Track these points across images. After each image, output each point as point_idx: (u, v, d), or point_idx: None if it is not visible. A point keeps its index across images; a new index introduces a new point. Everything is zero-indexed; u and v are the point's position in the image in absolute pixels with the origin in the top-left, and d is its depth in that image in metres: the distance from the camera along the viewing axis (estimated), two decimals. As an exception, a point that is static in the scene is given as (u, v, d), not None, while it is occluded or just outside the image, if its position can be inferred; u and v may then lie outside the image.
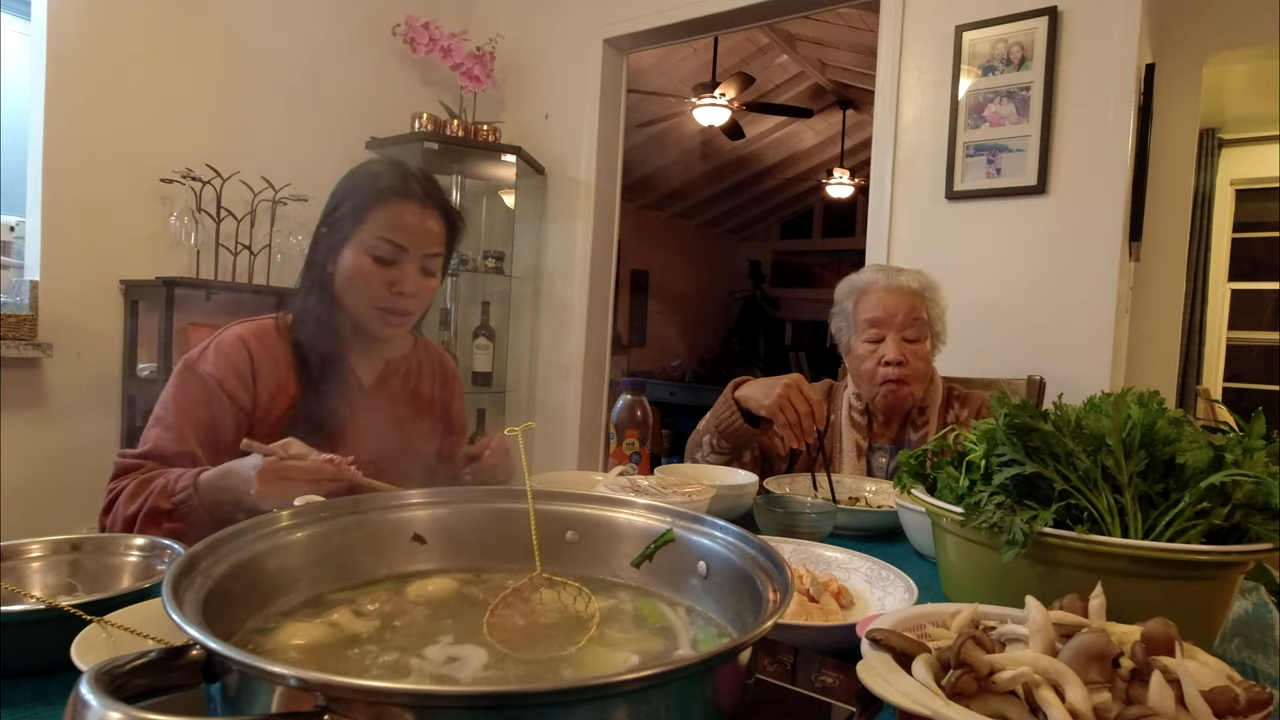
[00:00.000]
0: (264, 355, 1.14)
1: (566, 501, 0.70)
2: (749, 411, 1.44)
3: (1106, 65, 2.21)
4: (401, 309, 1.17)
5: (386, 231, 1.14)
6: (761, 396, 1.39)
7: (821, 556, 0.92)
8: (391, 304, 1.16)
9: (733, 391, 1.48)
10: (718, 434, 1.49)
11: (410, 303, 1.18)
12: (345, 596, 0.60)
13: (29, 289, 2.25)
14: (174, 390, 1.10)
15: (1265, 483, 0.66)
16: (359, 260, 1.14)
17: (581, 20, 3.25)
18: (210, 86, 2.63)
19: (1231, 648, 0.77)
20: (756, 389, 1.42)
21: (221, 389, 1.10)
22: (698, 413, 1.60)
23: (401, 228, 1.15)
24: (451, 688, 0.46)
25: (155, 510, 0.97)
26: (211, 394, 1.10)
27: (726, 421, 1.47)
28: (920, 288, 1.58)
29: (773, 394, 1.36)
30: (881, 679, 0.45)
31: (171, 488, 0.97)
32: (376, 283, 1.14)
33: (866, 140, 5.46)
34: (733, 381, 1.51)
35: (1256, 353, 4.94)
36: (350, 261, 1.15)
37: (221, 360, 1.11)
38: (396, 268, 1.15)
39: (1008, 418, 0.75)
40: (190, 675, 0.39)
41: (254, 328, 1.17)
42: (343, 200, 1.17)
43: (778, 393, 1.36)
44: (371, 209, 1.14)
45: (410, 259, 1.16)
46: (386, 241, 1.14)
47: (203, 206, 2.55)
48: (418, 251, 1.16)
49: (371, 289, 1.15)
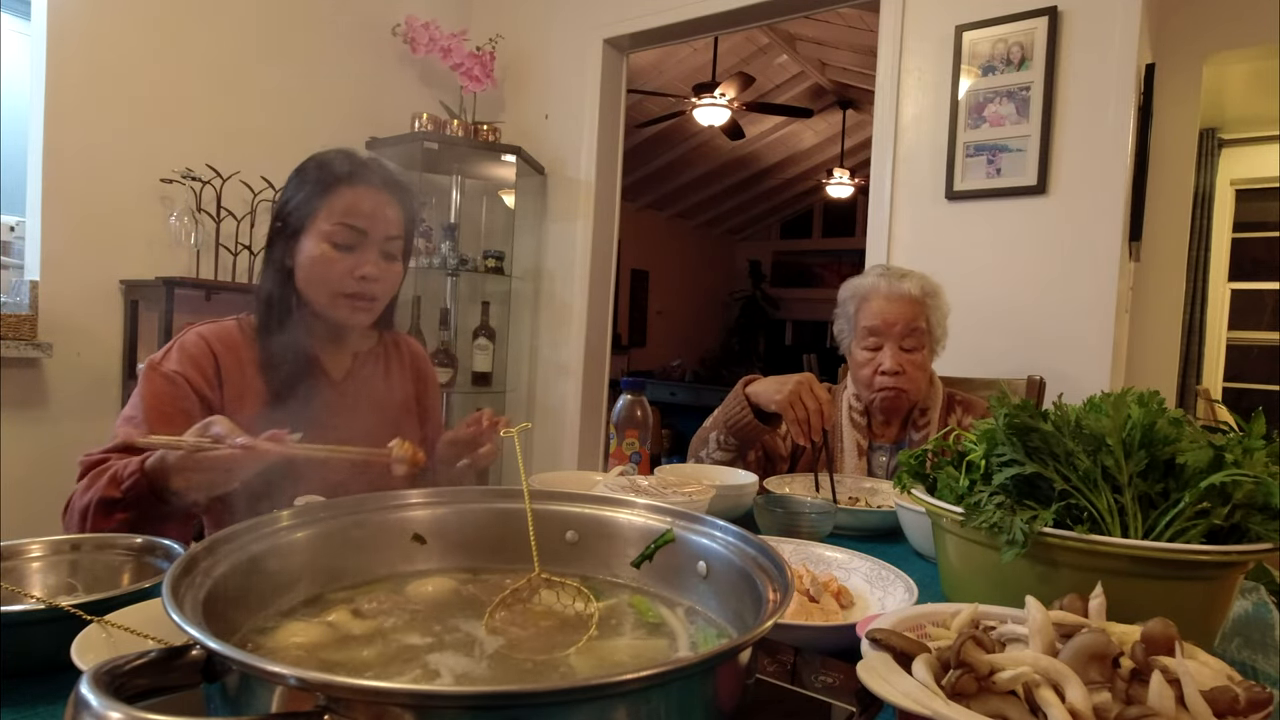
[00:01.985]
0: (228, 356, 1.13)
1: (566, 501, 0.70)
2: (758, 409, 1.46)
3: (1106, 65, 2.21)
4: (366, 294, 1.16)
5: (344, 216, 1.13)
6: (773, 392, 1.40)
7: (821, 556, 0.92)
8: (356, 289, 1.15)
9: (744, 387, 1.49)
10: (726, 429, 1.50)
11: (374, 287, 1.16)
12: (345, 596, 0.60)
13: (29, 289, 2.25)
14: (142, 389, 1.08)
15: (1265, 483, 0.66)
16: (318, 248, 1.13)
17: (581, 20, 3.25)
18: (210, 86, 2.63)
19: (1231, 648, 0.77)
20: (768, 385, 1.43)
21: (189, 385, 1.09)
22: (698, 413, 1.61)
23: (358, 212, 1.14)
24: (451, 688, 0.46)
25: (105, 500, 0.94)
26: (179, 391, 1.08)
27: (736, 417, 1.48)
28: (922, 294, 1.58)
29: (784, 390, 1.38)
30: (881, 679, 0.45)
31: (120, 475, 0.94)
32: (338, 270, 1.13)
33: (866, 140, 5.47)
34: (744, 378, 1.52)
35: (1256, 353, 4.94)
36: (309, 251, 1.13)
37: (185, 359, 1.10)
38: (357, 253, 1.14)
39: (1008, 418, 0.75)
40: (190, 675, 0.39)
41: (216, 329, 1.16)
42: (295, 193, 1.16)
43: (789, 389, 1.37)
44: (326, 196, 1.13)
45: (370, 243, 1.15)
46: (345, 226, 1.13)
47: (203, 206, 2.55)
48: (377, 235, 1.15)
49: (333, 276, 1.14)
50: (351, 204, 1.14)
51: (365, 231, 1.14)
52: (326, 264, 1.13)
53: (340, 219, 1.13)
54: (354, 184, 1.14)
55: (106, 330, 2.43)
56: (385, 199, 1.16)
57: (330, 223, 1.13)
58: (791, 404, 1.36)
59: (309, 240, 1.14)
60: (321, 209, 1.13)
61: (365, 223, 1.14)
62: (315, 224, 1.13)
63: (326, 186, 1.14)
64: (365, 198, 1.14)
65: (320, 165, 1.16)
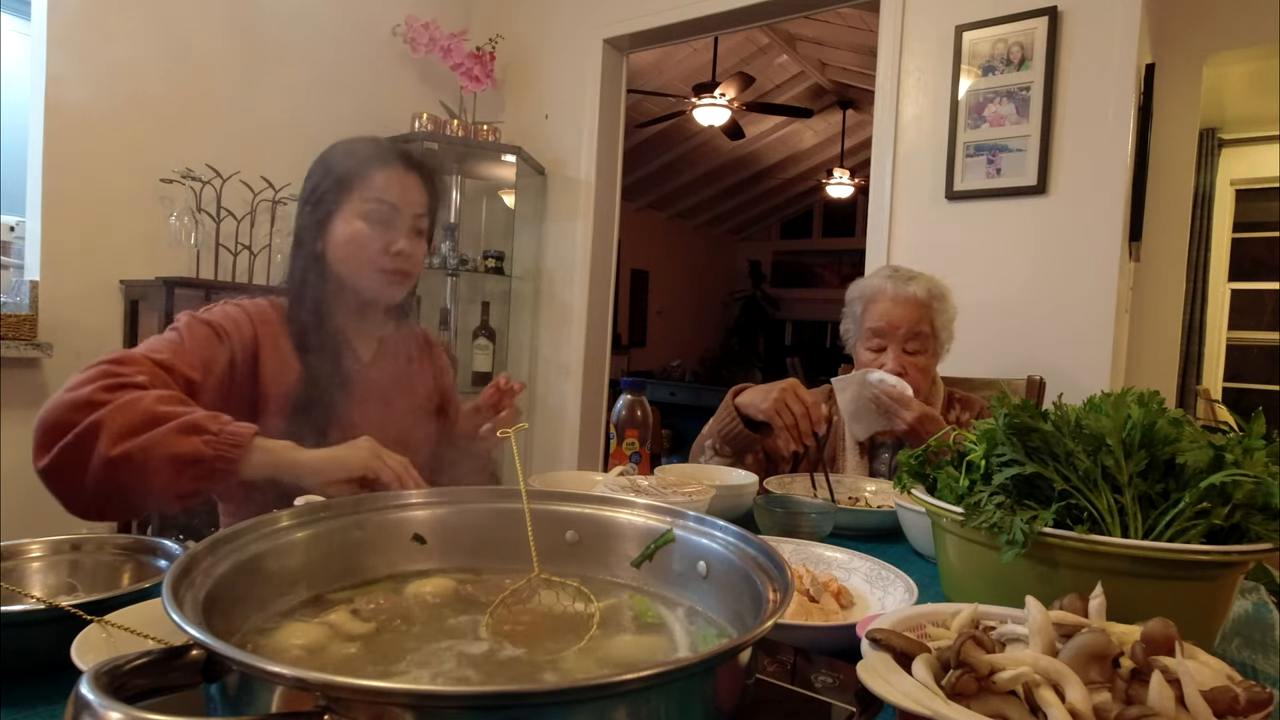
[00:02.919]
0: (265, 330, 1.13)
1: (566, 501, 0.70)
2: (749, 417, 1.47)
3: (1106, 65, 2.21)
4: (401, 269, 1.18)
5: (378, 194, 1.15)
6: (759, 401, 1.42)
7: (821, 556, 0.92)
8: (391, 264, 1.17)
9: (733, 398, 1.51)
10: (720, 439, 1.52)
11: (408, 263, 1.18)
12: (345, 596, 0.60)
13: (29, 289, 2.25)
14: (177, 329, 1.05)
15: (1265, 483, 0.66)
16: (352, 226, 1.15)
17: (581, 20, 3.25)
18: (210, 86, 2.62)
19: (1231, 648, 0.77)
20: (755, 395, 1.45)
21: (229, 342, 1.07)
22: (698, 413, 1.61)
23: (390, 190, 1.16)
24: (451, 688, 0.46)
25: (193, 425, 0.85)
26: (218, 341, 1.06)
27: (728, 427, 1.50)
28: (929, 297, 1.58)
29: (769, 398, 1.39)
30: (881, 679, 0.45)
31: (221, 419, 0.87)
32: (375, 246, 1.15)
33: (866, 140, 5.46)
34: (733, 389, 1.53)
35: (1256, 353, 4.94)
36: (343, 231, 1.15)
37: (228, 320, 1.10)
38: (391, 229, 1.16)
39: (1008, 418, 0.75)
40: (190, 675, 0.39)
41: (252, 303, 1.16)
42: (324, 176, 1.18)
43: (774, 397, 1.39)
44: (357, 177, 1.16)
45: (402, 220, 1.17)
46: (380, 202, 1.15)
47: (203, 206, 2.55)
48: (408, 212, 1.18)
49: (369, 252, 1.15)
50: (384, 183, 1.16)
51: (398, 208, 1.16)
52: (362, 241, 1.15)
53: (375, 196, 1.15)
54: (384, 165, 1.17)
55: (106, 330, 2.42)
56: (412, 179, 1.19)
57: (365, 201, 1.15)
58: (778, 411, 1.38)
59: (342, 221, 1.16)
60: (355, 189, 1.16)
61: (397, 199, 1.16)
62: (349, 204, 1.16)
63: (357, 168, 1.16)
64: (395, 177, 1.17)
65: (349, 150, 1.18)
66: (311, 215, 1.18)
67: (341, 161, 1.18)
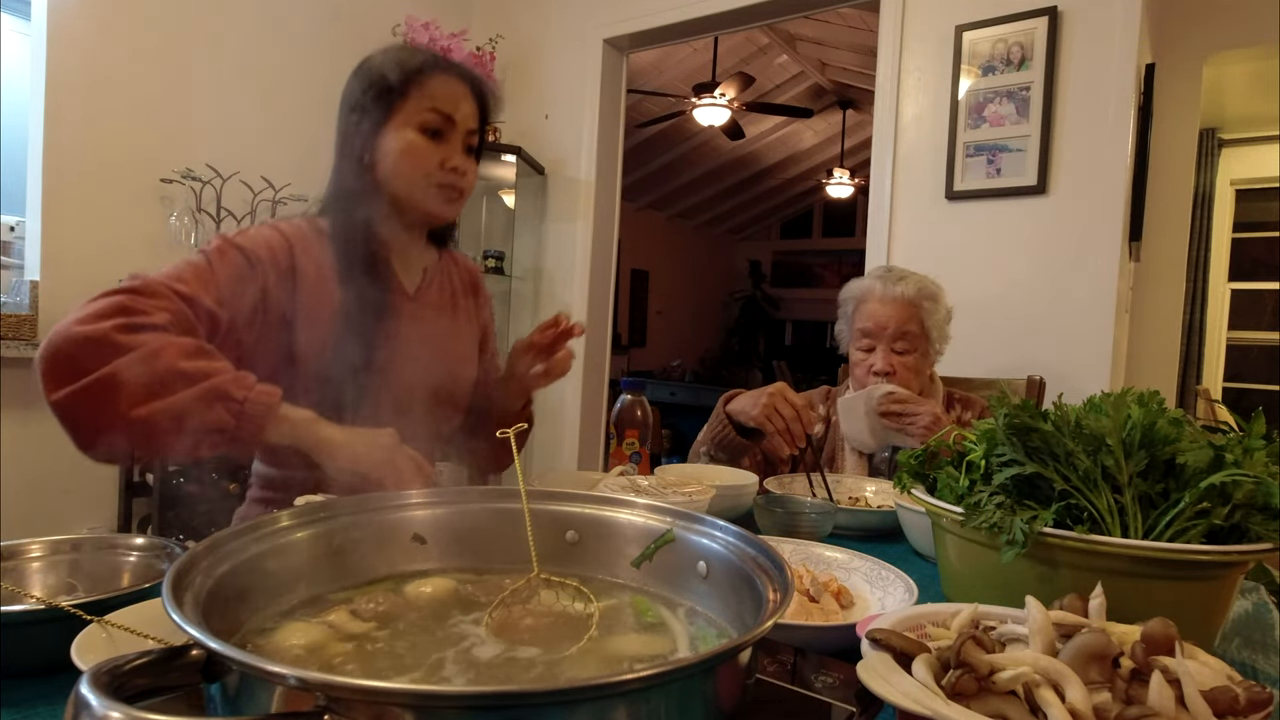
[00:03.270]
0: (304, 256, 1.04)
1: (566, 501, 0.70)
2: (741, 424, 1.47)
3: (1106, 65, 2.21)
4: (456, 185, 1.10)
5: (434, 102, 1.07)
6: (749, 408, 1.42)
7: (821, 556, 0.92)
8: (447, 180, 1.09)
9: (723, 406, 1.51)
10: (714, 446, 1.52)
11: (463, 180, 1.11)
12: (345, 596, 0.60)
13: (29, 289, 2.25)
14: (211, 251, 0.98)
15: (1265, 483, 0.66)
16: (406, 137, 1.07)
17: (581, 20, 3.25)
18: (210, 86, 2.63)
19: (1231, 648, 0.77)
20: (744, 401, 1.45)
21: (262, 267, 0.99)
22: (698, 412, 1.62)
23: (447, 98, 1.08)
24: (451, 688, 0.46)
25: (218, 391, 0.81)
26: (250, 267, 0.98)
27: (720, 434, 1.50)
28: (918, 296, 1.58)
29: (759, 404, 1.39)
30: (881, 679, 0.45)
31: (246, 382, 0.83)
32: (431, 159, 1.07)
33: (866, 140, 5.47)
34: (724, 395, 1.54)
35: (1256, 353, 4.94)
36: (395, 142, 1.07)
37: (261, 243, 1.01)
38: (447, 143, 1.09)
39: (1008, 418, 0.75)
40: (190, 675, 0.39)
41: (288, 224, 1.07)
42: (373, 82, 1.08)
43: (763, 402, 1.39)
44: (412, 82, 1.06)
45: (457, 134, 1.09)
46: (436, 112, 1.07)
47: (203, 206, 2.55)
48: (462, 126, 1.10)
49: (425, 165, 1.07)
50: (440, 90, 1.08)
51: (453, 119, 1.08)
52: (417, 153, 1.07)
53: (431, 104, 1.07)
54: (438, 71, 1.09)
55: (106, 330, 2.42)
56: (465, 90, 1.11)
57: (420, 109, 1.07)
58: (768, 416, 1.37)
59: (392, 131, 1.07)
60: (408, 95, 1.07)
61: (453, 109, 1.08)
62: (401, 112, 1.07)
63: (411, 72, 1.07)
64: (450, 84, 1.09)
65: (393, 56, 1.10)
66: (359, 124, 1.09)
67: (394, 65, 1.08)
